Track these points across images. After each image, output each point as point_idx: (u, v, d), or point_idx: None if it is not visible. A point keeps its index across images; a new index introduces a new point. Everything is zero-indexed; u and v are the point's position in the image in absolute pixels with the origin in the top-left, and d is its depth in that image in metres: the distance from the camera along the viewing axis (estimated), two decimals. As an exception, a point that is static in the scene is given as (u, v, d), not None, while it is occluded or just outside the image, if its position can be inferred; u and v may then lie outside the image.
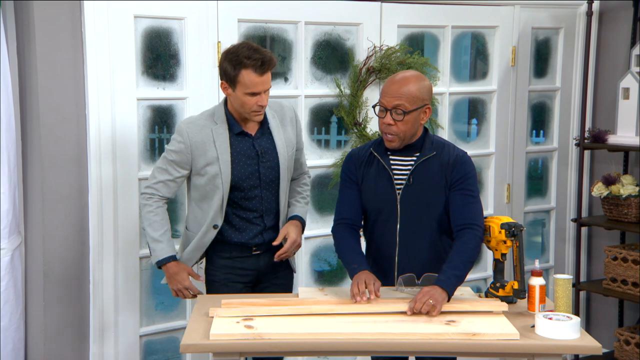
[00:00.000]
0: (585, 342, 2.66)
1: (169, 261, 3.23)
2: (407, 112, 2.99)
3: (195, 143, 3.19)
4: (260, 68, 3.07)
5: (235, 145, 3.22)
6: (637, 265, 4.36)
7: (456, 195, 3.06)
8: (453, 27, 4.46)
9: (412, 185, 3.07)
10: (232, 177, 3.20)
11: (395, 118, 3.01)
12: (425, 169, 3.08)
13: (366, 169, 3.14)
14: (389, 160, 3.11)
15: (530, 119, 4.85)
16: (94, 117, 3.57)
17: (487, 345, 2.64)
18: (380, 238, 3.15)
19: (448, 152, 3.11)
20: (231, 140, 3.22)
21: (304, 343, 2.66)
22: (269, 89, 3.15)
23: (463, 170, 3.08)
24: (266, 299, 2.96)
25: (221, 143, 3.20)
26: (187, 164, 3.23)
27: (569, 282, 2.88)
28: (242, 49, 3.10)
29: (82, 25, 3.52)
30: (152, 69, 3.76)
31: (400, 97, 2.99)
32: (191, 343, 2.64)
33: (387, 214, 3.10)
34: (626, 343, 4.44)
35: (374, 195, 3.12)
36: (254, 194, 3.26)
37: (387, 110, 3.01)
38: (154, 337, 3.89)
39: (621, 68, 4.70)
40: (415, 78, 3.04)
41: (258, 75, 3.08)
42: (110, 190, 3.63)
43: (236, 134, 3.22)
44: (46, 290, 3.56)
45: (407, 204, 3.07)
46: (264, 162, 3.26)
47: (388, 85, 3.04)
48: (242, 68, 3.07)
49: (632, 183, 4.49)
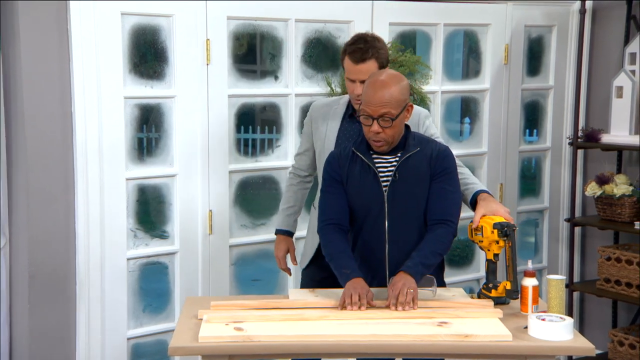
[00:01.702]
0: (578, 344, 2.64)
1: (279, 233, 3.52)
2: (395, 118, 2.96)
3: (316, 117, 3.40)
4: (354, 56, 3.20)
5: (343, 127, 3.35)
6: (631, 265, 4.35)
7: (435, 188, 3.07)
8: (445, 25, 4.45)
9: (398, 181, 3.05)
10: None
11: (383, 125, 2.97)
12: (409, 164, 3.06)
13: (350, 169, 3.11)
14: (373, 159, 3.08)
15: (523, 118, 4.84)
16: (80, 116, 3.54)
17: (480, 347, 2.62)
18: (368, 236, 3.11)
19: (431, 147, 3.10)
20: (342, 122, 3.35)
21: (294, 345, 2.63)
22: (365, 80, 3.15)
23: (445, 163, 3.08)
24: (256, 301, 2.93)
25: (333, 122, 3.35)
26: (309, 136, 3.44)
27: (562, 283, 2.86)
28: (355, 37, 3.27)
29: (68, 23, 3.49)
30: (139, 67, 3.74)
31: (386, 105, 2.94)
32: (180, 346, 2.61)
33: (375, 212, 3.07)
34: (620, 344, 4.42)
35: (360, 194, 3.09)
36: None
37: (372, 119, 2.97)
38: (142, 340, 3.86)
39: (614, 66, 4.70)
40: (394, 80, 2.99)
41: (353, 63, 3.21)
42: (97, 191, 3.60)
43: (348, 117, 3.35)
44: (31, 291, 3.53)
45: (395, 200, 3.05)
46: None
47: (370, 94, 2.97)
48: (346, 54, 3.25)
49: (625, 182, 4.48)
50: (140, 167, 3.78)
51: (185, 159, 3.82)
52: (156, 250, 3.86)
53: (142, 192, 3.81)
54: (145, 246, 3.82)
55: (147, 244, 3.83)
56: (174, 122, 3.80)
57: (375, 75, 3.04)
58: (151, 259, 3.85)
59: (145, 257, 3.83)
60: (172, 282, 3.91)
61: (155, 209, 3.80)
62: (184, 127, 3.81)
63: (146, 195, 3.85)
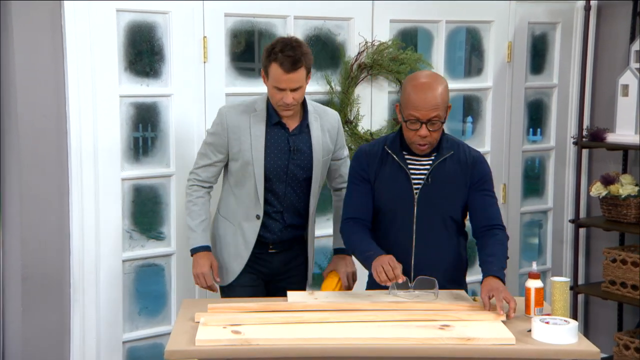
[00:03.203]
0: (583, 347, 2.63)
1: (199, 251, 3.33)
2: (443, 121, 2.97)
3: (232, 127, 3.27)
4: (287, 67, 3.10)
5: (269, 136, 3.27)
6: (636, 267, 4.33)
7: (477, 195, 3.07)
8: (447, 22, 4.42)
9: (431, 185, 3.03)
10: (264, 166, 3.25)
11: (431, 129, 2.95)
12: (443, 168, 3.05)
13: (380, 167, 3.09)
14: (405, 159, 3.05)
15: (527, 117, 4.83)
16: (75, 115, 3.51)
17: (482, 351, 2.60)
18: (394, 239, 3.09)
19: (464, 151, 3.09)
20: (267, 130, 3.27)
21: (293, 348, 2.61)
22: (296, 88, 3.15)
23: (483, 170, 3.10)
24: (254, 304, 2.92)
25: (256, 131, 3.26)
26: (223, 147, 3.29)
27: (566, 285, 2.84)
28: (281, 43, 3.15)
29: (62, 20, 3.46)
30: (135, 65, 3.71)
31: (437, 108, 2.93)
32: (176, 349, 2.60)
33: (403, 214, 3.06)
34: (625, 348, 4.39)
35: (389, 194, 3.07)
36: (277, 189, 3.31)
37: (421, 123, 2.93)
38: (138, 343, 3.84)
39: (620, 64, 4.67)
40: (438, 81, 2.98)
41: (284, 72, 3.11)
42: (91, 191, 3.58)
43: (273, 124, 3.27)
44: (25, 294, 3.51)
45: (425, 204, 3.03)
46: (295, 160, 3.29)
47: (419, 97, 2.92)
48: (273, 61, 3.13)
49: (631, 183, 4.45)
50: (136, 167, 3.76)
51: (182, 159, 3.79)
52: (152, 251, 3.83)
53: (138, 193, 3.79)
54: (141, 247, 3.80)
55: (143, 246, 3.81)
56: (170, 121, 3.78)
57: (417, 77, 3.02)
58: (147, 261, 3.83)
59: (141, 259, 3.81)
60: (168, 284, 3.88)
61: (151, 210, 3.77)
62: (180, 126, 3.78)
63: (142, 196, 3.82)
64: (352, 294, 3.19)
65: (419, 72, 3.10)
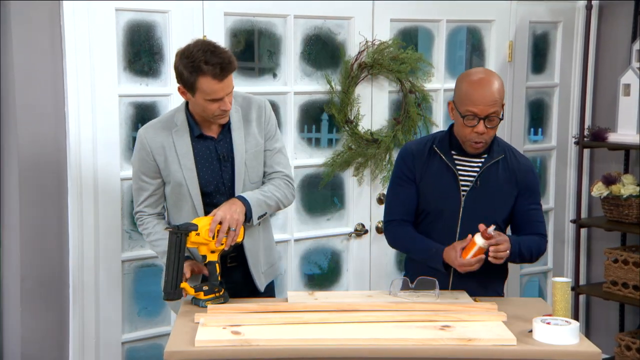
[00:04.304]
0: (584, 348, 2.62)
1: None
2: (502, 117, 2.93)
3: (156, 148, 3.02)
4: (220, 74, 2.86)
5: (197, 150, 3.05)
6: (638, 267, 4.32)
7: (524, 206, 3.03)
8: (447, 22, 4.41)
9: (479, 188, 2.99)
10: (199, 184, 3.04)
11: (489, 126, 2.91)
12: (492, 172, 3.01)
13: (426, 167, 3.04)
14: (453, 159, 3.01)
15: (528, 117, 4.81)
16: (74, 115, 3.49)
17: (483, 351, 2.59)
18: (437, 239, 3.04)
19: (514, 156, 3.06)
20: (193, 144, 3.04)
21: (294, 349, 2.59)
22: (231, 91, 2.95)
23: (533, 180, 3.07)
24: (254, 304, 2.90)
25: (182, 147, 3.02)
26: (155, 171, 3.06)
27: (567, 286, 2.82)
28: (198, 52, 2.85)
29: (61, 19, 3.44)
30: (134, 64, 3.69)
31: (495, 104, 2.89)
32: (176, 350, 2.58)
33: (448, 216, 3.02)
34: (627, 349, 4.38)
35: (435, 195, 3.03)
36: (219, 201, 3.04)
37: (480, 119, 2.90)
38: (137, 344, 3.82)
39: (621, 64, 4.66)
40: (495, 77, 2.94)
41: (218, 82, 2.87)
42: (90, 191, 3.56)
43: (197, 137, 3.05)
44: (23, 295, 3.50)
45: (471, 207, 2.99)
46: (227, 168, 3.08)
47: (478, 92, 2.89)
48: (200, 75, 2.85)
49: (633, 183, 4.44)
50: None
51: (181, 159, 3.76)
52: (152, 252, 3.71)
53: (137, 193, 3.75)
54: (141, 248, 3.77)
55: (142, 246, 3.78)
56: (169, 121, 3.75)
57: (473, 73, 2.97)
58: (146, 261, 3.81)
59: (140, 259, 3.79)
60: (168, 284, 3.85)
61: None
62: (180, 126, 3.75)
63: (141, 196, 3.78)
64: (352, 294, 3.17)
65: (475, 69, 3.04)
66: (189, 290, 2.92)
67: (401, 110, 4.25)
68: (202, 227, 2.89)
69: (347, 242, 4.28)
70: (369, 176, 4.24)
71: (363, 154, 4.17)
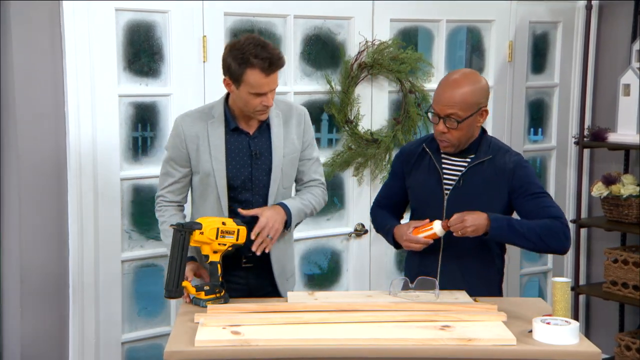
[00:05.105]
0: (584, 348, 2.61)
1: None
2: (461, 121, 2.91)
3: (190, 136, 3.06)
4: (268, 68, 2.89)
5: (230, 143, 3.08)
6: (638, 267, 4.31)
7: (527, 200, 2.98)
8: (447, 22, 4.41)
9: (462, 188, 3.00)
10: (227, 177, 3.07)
11: (449, 126, 2.92)
12: (478, 172, 3.00)
13: (416, 164, 3.10)
14: (441, 159, 3.05)
15: (528, 117, 4.81)
16: (74, 115, 3.49)
17: (483, 351, 2.58)
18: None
19: (504, 156, 3.02)
20: (226, 137, 3.07)
21: (294, 349, 2.58)
22: (275, 89, 2.99)
23: (524, 174, 3.00)
24: (254, 305, 2.89)
25: (215, 139, 3.06)
26: (185, 160, 3.09)
27: (567, 286, 2.81)
28: (249, 46, 2.90)
29: (61, 19, 3.44)
30: (134, 64, 3.69)
31: (453, 106, 2.90)
32: (175, 350, 2.57)
33: (431, 214, 3.03)
34: (627, 349, 4.38)
35: (420, 192, 3.09)
36: (244, 198, 3.10)
37: (440, 118, 2.92)
38: (137, 344, 3.82)
39: (621, 64, 4.66)
40: (468, 80, 2.93)
41: (265, 76, 2.90)
42: (90, 192, 3.56)
43: (231, 130, 3.07)
44: (23, 296, 3.49)
45: (455, 206, 2.98)
46: (258, 165, 3.09)
47: (440, 91, 2.94)
48: (248, 67, 2.89)
49: (632, 183, 4.43)
50: (135, 166, 3.74)
51: (181, 159, 3.76)
52: (151, 252, 3.81)
53: (137, 193, 3.77)
54: (140, 248, 3.78)
55: (142, 246, 3.79)
56: (169, 121, 3.74)
57: (451, 73, 3.00)
58: (146, 261, 3.81)
59: (140, 259, 3.79)
60: (168, 284, 3.85)
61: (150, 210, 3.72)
62: (180, 126, 3.75)
63: (141, 196, 3.79)
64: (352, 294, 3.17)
65: (457, 70, 3.05)
66: (190, 289, 2.93)
67: (401, 110, 4.24)
68: (207, 226, 2.90)
69: (347, 242, 4.28)
70: (368, 176, 4.24)
71: (363, 154, 4.17)
